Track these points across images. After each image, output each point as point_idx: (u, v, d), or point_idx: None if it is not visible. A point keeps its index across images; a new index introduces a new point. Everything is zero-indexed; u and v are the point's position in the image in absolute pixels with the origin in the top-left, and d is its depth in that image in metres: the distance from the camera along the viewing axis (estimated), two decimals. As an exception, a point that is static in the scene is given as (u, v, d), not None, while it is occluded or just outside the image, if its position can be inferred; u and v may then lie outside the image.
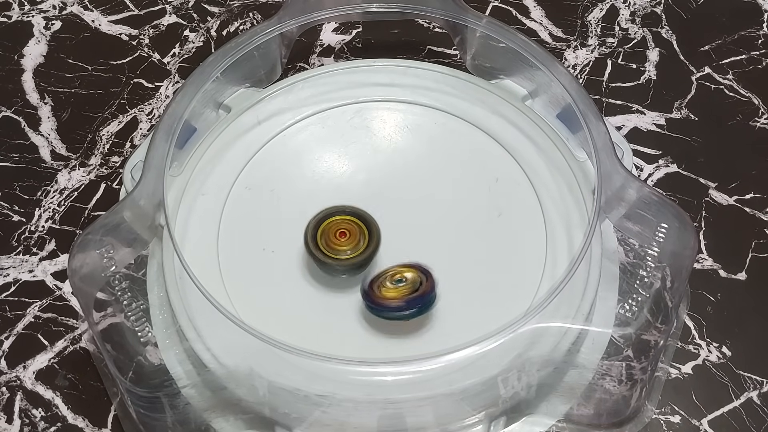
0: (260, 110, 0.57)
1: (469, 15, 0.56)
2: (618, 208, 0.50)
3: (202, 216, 0.52)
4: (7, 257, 0.58)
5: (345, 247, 0.49)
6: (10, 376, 0.53)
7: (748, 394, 0.53)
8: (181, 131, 0.51)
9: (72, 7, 0.69)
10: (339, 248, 0.49)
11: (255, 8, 0.69)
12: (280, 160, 0.55)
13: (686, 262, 0.48)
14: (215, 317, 0.45)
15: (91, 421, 0.52)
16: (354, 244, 0.49)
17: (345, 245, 0.49)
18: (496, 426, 0.49)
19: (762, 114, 0.63)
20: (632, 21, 0.68)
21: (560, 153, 0.54)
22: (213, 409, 0.49)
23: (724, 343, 0.54)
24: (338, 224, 0.49)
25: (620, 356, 0.50)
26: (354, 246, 0.49)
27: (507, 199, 0.53)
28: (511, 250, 0.51)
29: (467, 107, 0.56)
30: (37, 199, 0.60)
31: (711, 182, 0.60)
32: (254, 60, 0.56)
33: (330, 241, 0.49)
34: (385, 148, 0.55)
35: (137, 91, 0.65)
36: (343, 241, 0.49)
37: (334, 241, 0.49)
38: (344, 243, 0.49)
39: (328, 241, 0.49)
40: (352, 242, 0.49)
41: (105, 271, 0.48)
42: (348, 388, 0.46)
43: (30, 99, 0.64)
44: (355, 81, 0.58)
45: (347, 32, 0.68)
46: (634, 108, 0.64)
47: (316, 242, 0.49)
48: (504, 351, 0.46)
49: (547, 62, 0.53)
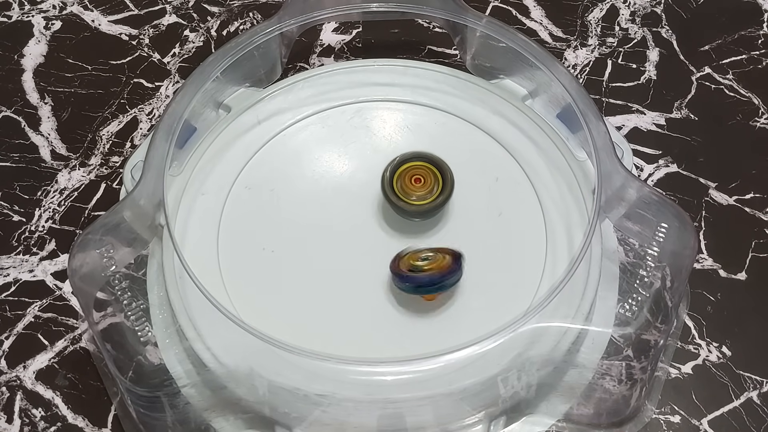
0: (260, 110, 0.57)
1: (469, 15, 0.56)
2: (618, 208, 0.50)
3: (202, 216, 0.52)
4: (7, 257, 0.58)
5: (420, 192, 0.50)
6: (10, 376, 0.53)
7: (748, 394, 0.53)
8: (181, 131, 0.51)
9: (72, 7, 0.69)
10: (414, 193, 0.50)
11: (255, 8, 0.69)
12: (280, 160, 0.55)
13: (686, 261, 0.48)
14: (215, 317, 0.45)
15: (91, 421, 0.52)
16: (428, 189, 0.51)
17: (420, 190, 0.50)
18: (496, 426, 0.49)
19: (762, 114, 0.63)
20: (632, 21, 0.68)
21: (560, 153, 0.54)
22: (213, 408, 0.49)
23: (724, 343, 0.54)
24: (414, 170, 0.51)
25: (620, 356, 0.50)
26: (429, 191, 0.51)
27: (507, 199, 0.53)
28: (511, 250, 0.51)
29: (467, 107, 0.56)
30: (37, 199, 0.60)
31: (711, 182, 0.60)
32: (254, 60, 0.56)
33: (405, 185, 0.51)
34: (385, 148, 0.55)
35: (137, 91, 0.65)
36: (419, 186, 0.51)
37: (410, 186, 0.51)
38: (419, 188, 0.51)
39: (403, 185, 0.51)
40: (427, 187, 0.51)
41: (105, 270, 0.48)
42: (348, 388, 0.46)
43: (30, 99, 0.64)
44: (355, 81, 0.58)
45: (347, 32, 0.68)
46: (634, 108, 0.64)
47: (392, 187, 0.50)
48: (504, 351, 0.46)
49: (547, 62, 0.53)
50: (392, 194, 0.50)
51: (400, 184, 0.51)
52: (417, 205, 0.50)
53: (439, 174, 0.51)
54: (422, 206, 0.50)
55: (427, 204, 0.50)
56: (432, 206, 0.50)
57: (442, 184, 0.51)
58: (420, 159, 0.51)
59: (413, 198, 0.50)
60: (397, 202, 0.50)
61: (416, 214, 0.51)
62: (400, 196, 0.50)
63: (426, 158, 0.51)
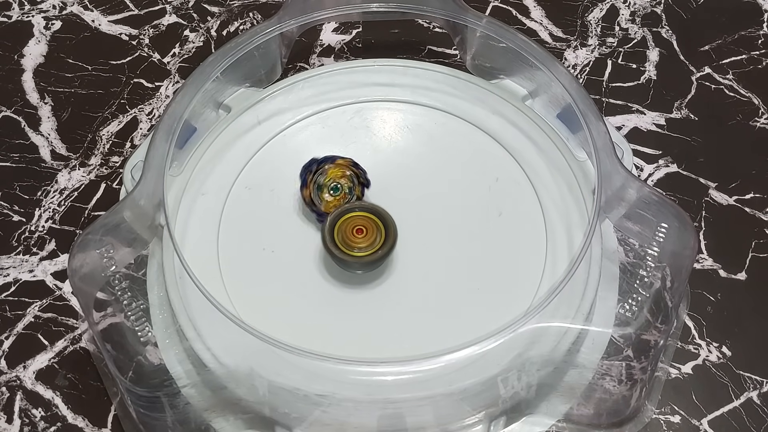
0: (260, 110, 0.57)
1: (469, 15, 0.56)
2: (618, 208, 0.50)
3: (202, 216, 0.52)
4: (7, 257, 0.58)
5: (362, 244, 0.49)
6: (10, 376, 0.53)
7: (748, 394, 0.53)
8: (181, 131, 0.51)
9: (72, 7, 0.69)
10: (355, 245, 0.49)
11: (255, 8, 0.69)
12: (280, 160, 0.55)
13: (686, 262, 0.48)
14: (215, 317, 0.45)
15: (91, 421, 0.52)
16: (371, 241, 0.49)
17: (362, 242, 0.49)
18: (496, 426, 0.49)
19: (762, 114, 0.63)
20: (632, 21, 0.68)
21: (560, 153, 0.54)
22: (213, 408, 0.49)
23: (724, 343, 0.54)
24: (355, 221, 0.50)
25: (620, 356, 0.50)
26: (371, 243, 0.49)
27: (507, 199, 0.53)
28: (511, 250, 0.51)
29: (467, 107, 0.56)
30: (37, 199, 0.60)
31: (711, 182, 0.60)
32: (254, 60, 0.56)
33: (347, 237, 0.49)
34: (385, 148, 0.55)
35: (137, 91, 0.65)
36: (360, 238, 0.49)
37: (351, 237, 0.49)
38: (361, 240, 0.49)
39: (345, 237, 0.49)
40: (369, 239, 0.49)
41: (105, 270, 0.48)
42: (348, 388, 0.46)
43: (30, 99, 0.65)
44: (355, 81, 0.58)
45: (347, 32, 0.68)
46: (634, 108, 0.64)
47: (333, 239, 0.49)
48: (504, 351, 0.46)
49: (547, 62, 0.53)
50: (334, 247, 0.49)
51: (341, 236, 0.49)
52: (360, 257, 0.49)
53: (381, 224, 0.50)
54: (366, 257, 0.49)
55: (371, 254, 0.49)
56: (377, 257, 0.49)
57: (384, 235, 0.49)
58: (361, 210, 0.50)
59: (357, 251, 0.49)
60: (341, 256, 0.48)
61: (359, 266, 0.49)
62: (342, 248, 0.49)
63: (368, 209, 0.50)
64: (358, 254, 0.49)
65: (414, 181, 0.54)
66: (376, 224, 0.50)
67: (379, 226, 0.50)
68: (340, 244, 0.49)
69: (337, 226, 0.49)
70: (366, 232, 0.49)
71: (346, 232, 0.49)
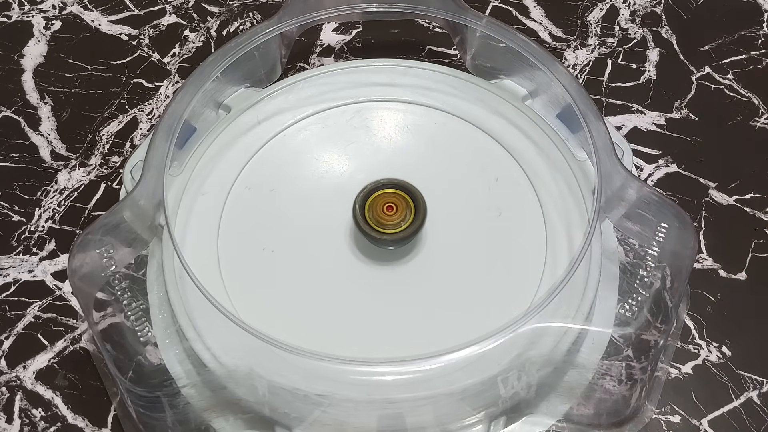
0: (260, 110, 0.57)
1: (469, 15, 0.56)
2: (618, 208, 0.50)
3: (202, 216, 0.52)
4: (7, 257, 0.58)
5: (393, 220, 0.50)
6: (10, 376, 0.53)
7: (748, 394, 0.53)
8: (181, 131, 0.51)
9: (72, 7, 0.69)
10: (387, 222, 0.50)
11: (255, 8, 0.69)
12: (280, 160, 0.55)
13: (686, 262, 0.48)
14: (215, 317, 0.45)
15: (91, 421, 0.52)
16: (401, 217, 0.50)
17: (392, 219, 0.50)
18: (496, 426, 0.49)
19: (762, 114, 0.63)
20: (632, 21, 0.68)
21: (560, 153, 0.54)
22: (213, 408, 0.49)
23: (724, 343, 0.54)
24: (385, 198, 0.50)
25: (620, 356, 0.49)
26: (401, 219, 0.50)
27: (507, 199, 0.53)
28: (511, 250, 0.51)
29: (467, 107, 0.56)
30: (37, 199, 0.60)
31: (711, 182, 0.60)
32: (254, 60, 0.56)
33: (378, 215, 0.50)
34: (385, 148, 0.55)
35: (137, 91, 0.65)
36: (391, 215, 0.50)
37: (382, 215, 0.50)
38: (392, 217, 0.50)
39: (375, 215, 0.50)
40: (400, 216, 0.50)
41: (105, 270, 0.48)
42: (348, 388, 0.46)
43: (30, 99, 0.65)
44: (355, 81, 0.58)
45: (347, 32, 0.68)
46: (634, 108, 0.64)
47: (364, 217, 0.50)
48: (504, 351, 0.46)
49: (547, 62, 0.53)
50: (366, 226, 0.49)
51: (372, 214, 0.50)
52: (392, 233, 0.49)
53: (411, 200, 0.50)
54: (398, 233, 0.49)
55: (401, 232, 0.49)
56: (408, 233, 0.49)
57: (414, 211, 0.50)
58: (391, 186, 0.51)
59: (389, 227, 0.50)
60: (373, 234, 0.49)
61: (390, 243, 0.50)
62: (374, 226, 0.49)
63: (397, 185, 0.51)
64: (391, 231, 0.49)
65: (414, 181, 0.54)
66: (405, 201, 0.50)
67: (408, 202, 0.50)
68: (372, 223, 0.50)
69: (367, 205, 0.50)
70: (396, 210, 0.50)
71: (377, 210, 0.50)
